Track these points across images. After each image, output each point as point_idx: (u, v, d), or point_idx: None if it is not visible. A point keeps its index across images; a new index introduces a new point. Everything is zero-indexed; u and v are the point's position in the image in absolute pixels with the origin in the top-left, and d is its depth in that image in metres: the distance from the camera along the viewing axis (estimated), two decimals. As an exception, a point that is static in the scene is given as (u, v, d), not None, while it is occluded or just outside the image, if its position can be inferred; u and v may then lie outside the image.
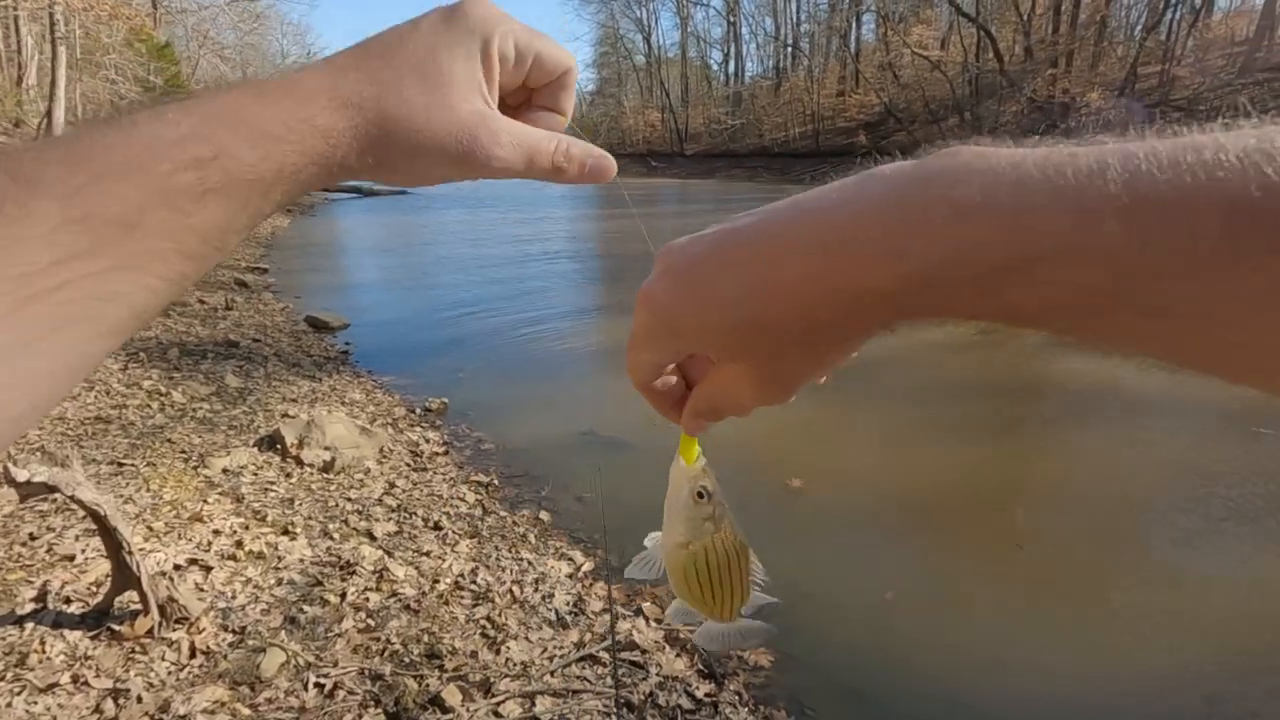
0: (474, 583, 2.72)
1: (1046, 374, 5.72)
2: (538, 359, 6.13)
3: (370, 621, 2.37)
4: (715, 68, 68.57)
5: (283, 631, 2.26)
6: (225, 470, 3.34)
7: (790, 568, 2.69)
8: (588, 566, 2.97)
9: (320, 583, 2.56)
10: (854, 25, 50.37)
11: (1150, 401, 4.95)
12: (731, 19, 63.47)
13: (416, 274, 10.81)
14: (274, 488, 3.27)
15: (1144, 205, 0.22)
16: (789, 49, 57.33)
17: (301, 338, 6.47)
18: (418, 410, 4.75)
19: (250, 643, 2.19)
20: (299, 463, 3.55)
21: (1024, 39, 36.55)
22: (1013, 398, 5.35)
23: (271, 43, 47.63)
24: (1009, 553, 3.24)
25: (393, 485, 3.51)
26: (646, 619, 2.63)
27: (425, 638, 2.33)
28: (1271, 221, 0.20)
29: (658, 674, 2.33)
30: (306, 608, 2.40)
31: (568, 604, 2.66)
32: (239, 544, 2.70)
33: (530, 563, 2.93)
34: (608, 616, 2.61)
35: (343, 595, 2.49)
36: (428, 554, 2.87)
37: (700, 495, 0.44)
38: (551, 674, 2.26)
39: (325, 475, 3.51)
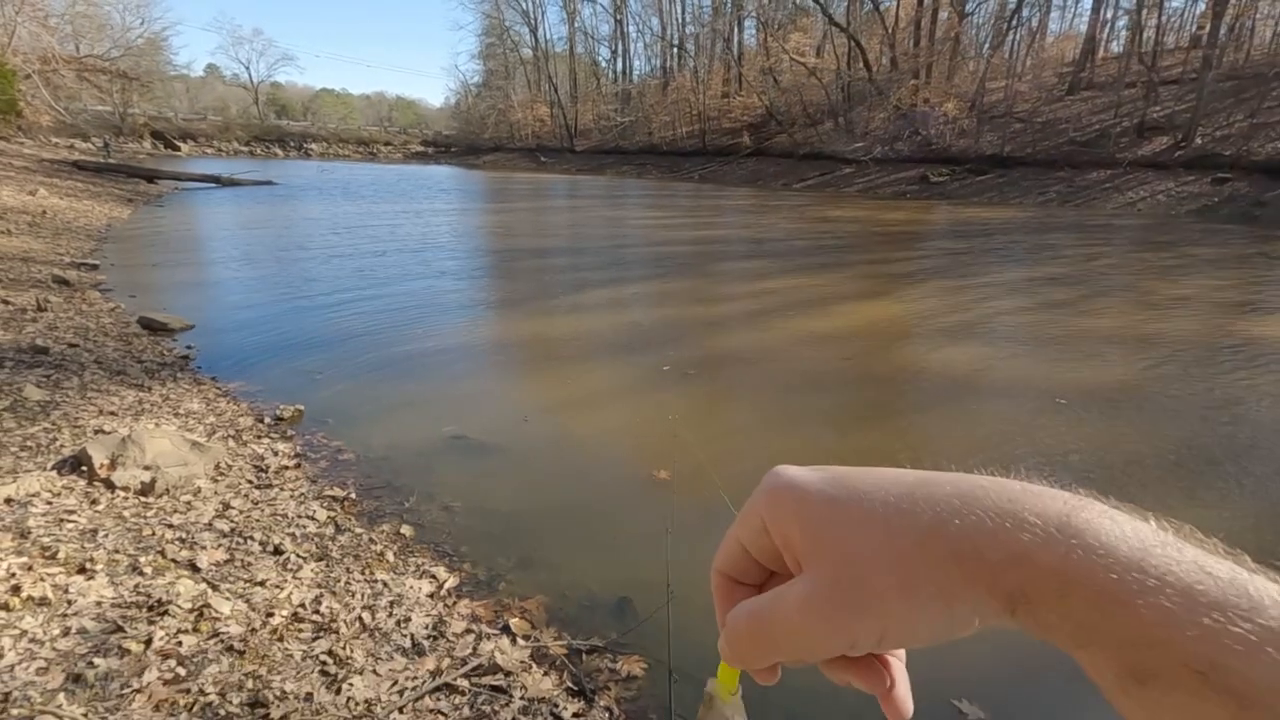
0: (316, 612, 2.42)
1: (905, 364, 6.03)
2: (406, 359, 5.73)
3: (181, 670, 2.03)
4: (604, 64, 68.69)
5: (61, 694, 1.88)
6: (8, 500, 2.81)
7: (658, 565, 2.59)
8: (451, 583, 2.74)
9: (121, 628, 2.17)
10: (736, 29, 52.02)
11: (983, 384, 5.33)
12: (619, 17, 63.80)
13: (276, 270, 9.93)
14: (73, 517, 2.79)
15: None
16: (675, 49, 58.35)
17: (132, 341, 5.71)
18: (267, 419, 4.29)
19: (15, 712, 1.80)
20: (109, 486, 3.06)
21: (890, 50, 39.13)
22: (876, 386, 5.59)
23: (111, 13, 42.52)
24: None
25: (227, 506, 3.10)
26: (513, 637, 2.44)
27: (250, 683, 2.03)
28: None
29: (522, 697, 2.15)
30: (98, 661, 2.02)
31: (426, 627, 2.43)
32: (16, 589, 2.25)
33: (386, 584, 2.66)
34: (470, 638, 2.40)
35: (148, 641, 2.12)
36: (262, 583, 2.53)
37: None
38: (400, 710, 2.03)
39: (142, 499, 3.04)
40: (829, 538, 0.30)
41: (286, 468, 3.66)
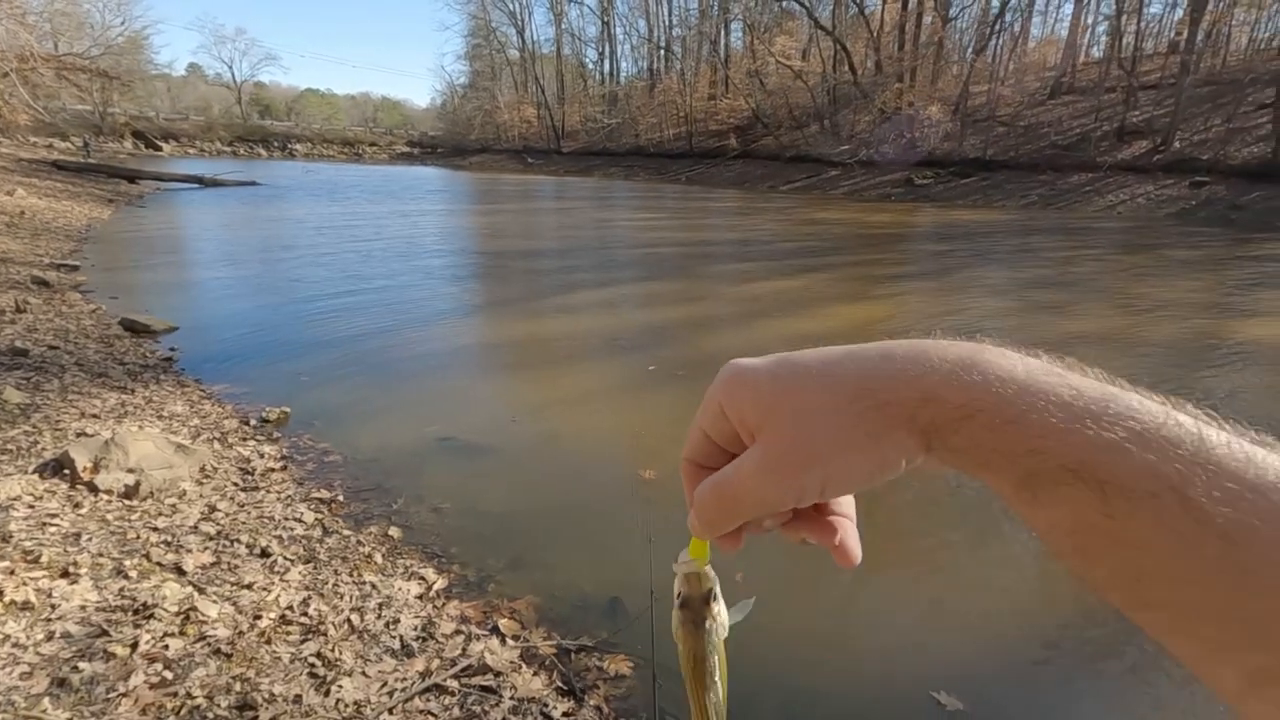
0: (305, 615, 2.41)
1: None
2: (394, 361, 5.71)
3: (168, 674, 2.02)
4: (591, 66, 68.69)
5: (46, 699, 1.86)
6: (-10, 504, 2.78)
7: (645, 564, 2.60)
8: (440, 585, 2.74)
9: (106, 632, 2.15)
10: (723, 32, 52.22)
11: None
12: (605, 18, 63.84)
13: (260, 271, 9.85)
14: (56, 521, 2.76)
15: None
16: (662, 51, 58.46)
17: (114, 343, 5.64)
18: (253, 421, 4.25)
19: (0, 717, 1.79)
20: (92, 489, 3.03)
21: (874, 54, 39.45)
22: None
23: (92, 11, 41.89)
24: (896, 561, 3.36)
25: (213, 509, 3.08)
26: (503, 637, 2.45)
27: (238, 686, 2.02)
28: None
29: (512, 697, 2.16)
30: (84, 665, 2.01)
31: (415, 629, 2.43)
32: (-2, 594, 2.23)
33: (374, 586, 2.66)
34: (460, 639, 2.41)
35: (134, 645, 2.10)
36: (249, 586, 2.51)
37: (680, 596, 0.42)
38: (390, 711, 2.03)
39: (126, 502, 3.01)
40: (777, 408, 0.34)
41: (273, 470, 3.63)
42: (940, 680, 2.35)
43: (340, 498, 3.40)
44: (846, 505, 0.41)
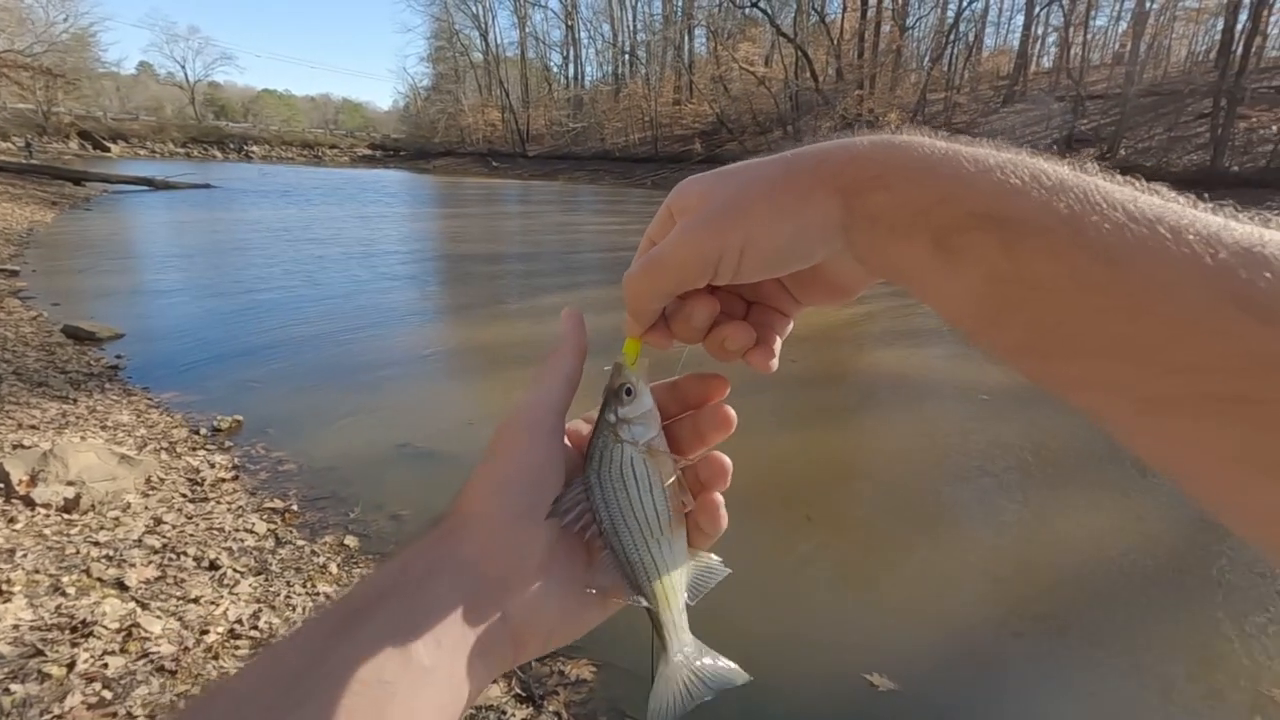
0: (255, 628, 2.35)
1: (850, 366, 6.21)
2: (352, 367, 5.60)
3: (107, 693, 1.95)
4: (556, 70, 68.53)
5: (-26, 723, 1.78)
6: (-85, 521, 2.64)
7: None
8: (397, 594, 2.69)
9: (41, 652, 2.07)
10: (687, 38, 52.60)
11: (922, 382, 5.53)
12: (570, 22, 63.81)
13: (214, 276, 9.58)
14: (-12, 538, 2.64)
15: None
16: (626, 56, 58.65)
17: (55, 351, 5.43)
18: (203, 430, 4.13)
19: (-78, 744, 1.70)
20: (29, 503, 2.91)
21: (836, 61, 40.19)
22: (822, 387, 5.73)
23: (34, 7, 40.35)
24: (802, 525, 3.43)
25: (159, 521, 2.98)
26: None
27: (182, 704, 1.96)
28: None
29: (468, 705, 2.13)
30: (15, 687, 1.92)
31: (370, 639, 2.38)
32: (-77, 615, 2.12)
33: (329, 597, 2.60)
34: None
35: (70, 665, 2.02)
36: (196, 600, 2.44)
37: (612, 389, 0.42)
38: (343, 724, 1.98)
39: (66, 516, 2.90)
40: (717, 188, 0.36)
41: (224, 480, 3.53)
42: (873, 664, 2.43)
43: (294, 507, 3.32)
44: (779, 325, 0.43)
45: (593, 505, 0.39)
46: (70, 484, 3.03)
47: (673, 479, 0.41)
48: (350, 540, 3.06)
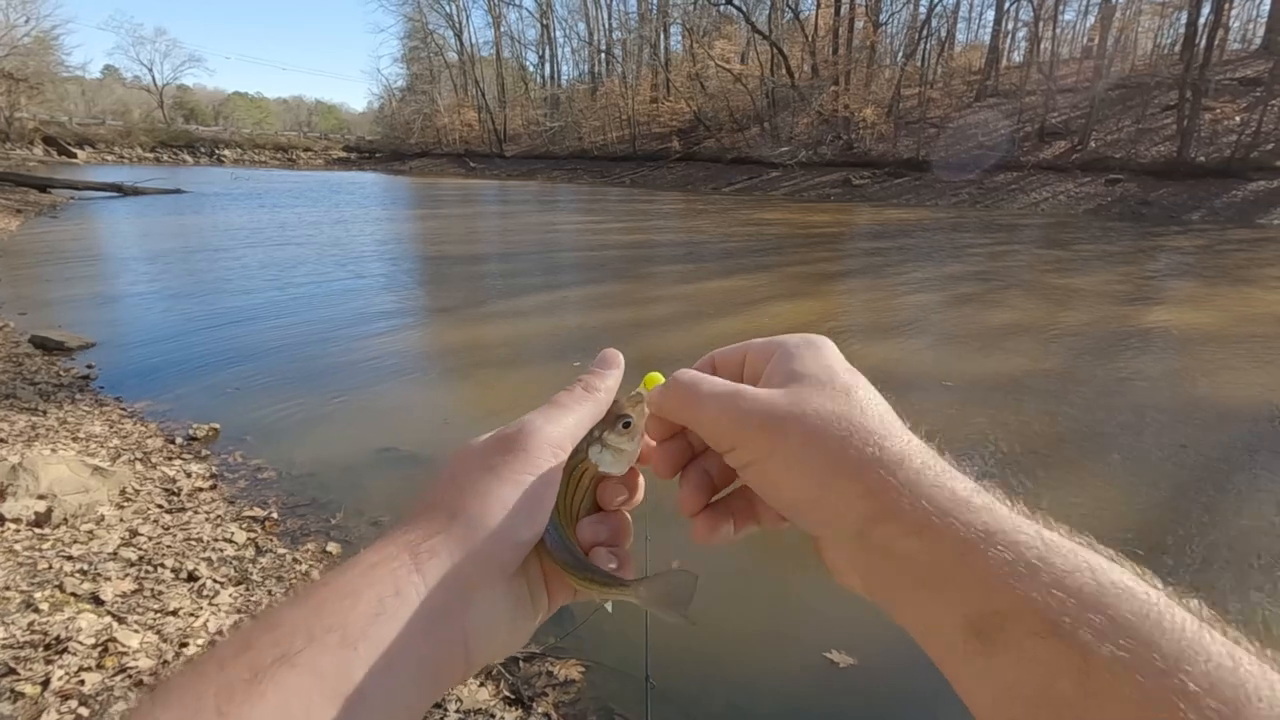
0: (236, 639, 2.31)
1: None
2: (331, 371, 5.53)
3: (83, 710, 1.91)
4: (532, 69, 68.19)
5: (-55, 746, 1.73)
6: (-121, 540, 2.56)
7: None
8: (381, 599, 2.66)
9: (13, 671, 2.02)
10: (663, 36, 52.61)
11: (899, 375, 5.59)
12: (545, 21, 63.50)
13: (186, 282, 9.41)
14: (-44, 555, 2.57)
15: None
16: (603, 55, 58.52)
17: (23, 362, 5.30)
18: (179, 440, 4.06)
19: (-110, 769, 1.65)
20: (-2, 519, 2.83)
21: (810, 58, 40.43)
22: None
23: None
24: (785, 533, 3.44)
25: (135, 533, 2.92)
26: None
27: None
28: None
29: (458, 710, 2.12)
30: (-12, 707, 1.88)
31: (354, 646, 2.35)
32: (-112, 636, 2.06)
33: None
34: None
35: (45, 683, 1.98)
36: (175, 612, 2.40)
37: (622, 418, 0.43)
38: (328, 733, 1.96)
39: (37, 531, 2.83)
40: (817, 432, 0.35)
41: (201, 489, 3.47)
42: (834, 640, 2.48)
43: (275, 515, 3.27)
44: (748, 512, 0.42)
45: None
46: (41, 497, 2.96)
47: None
48: (333, 547, 3.03)
